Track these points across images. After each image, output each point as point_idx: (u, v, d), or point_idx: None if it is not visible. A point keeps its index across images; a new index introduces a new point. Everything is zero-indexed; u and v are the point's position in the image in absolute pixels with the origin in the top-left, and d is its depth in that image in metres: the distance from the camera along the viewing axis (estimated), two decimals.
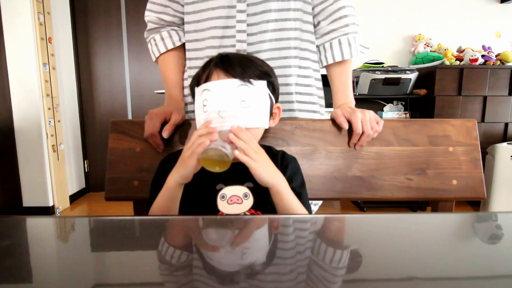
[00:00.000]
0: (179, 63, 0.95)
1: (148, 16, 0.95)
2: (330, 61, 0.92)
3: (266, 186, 0.65)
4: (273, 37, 0.87)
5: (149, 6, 0.96)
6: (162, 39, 0.94)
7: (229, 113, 0.66)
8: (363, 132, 0.82)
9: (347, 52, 0.90)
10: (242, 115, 0.67)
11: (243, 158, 0.63)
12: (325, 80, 1.00)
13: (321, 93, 1.00)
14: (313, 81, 0.95)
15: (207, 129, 0.64)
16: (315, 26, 0.92)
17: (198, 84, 0.72)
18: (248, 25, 0.85)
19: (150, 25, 0.96)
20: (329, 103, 0.98)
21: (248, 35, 0.85)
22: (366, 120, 0.81)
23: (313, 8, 0.89)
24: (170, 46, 0.94)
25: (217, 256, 0.42)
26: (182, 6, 0.93)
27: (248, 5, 0.84)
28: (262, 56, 0.85)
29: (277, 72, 0.85)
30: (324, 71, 0.97)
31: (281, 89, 0.89)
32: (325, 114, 1.01)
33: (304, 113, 0.95)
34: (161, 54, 0.95)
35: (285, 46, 0.88)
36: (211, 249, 0.45)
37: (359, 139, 0.84)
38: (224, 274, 0.38)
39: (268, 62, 0.80)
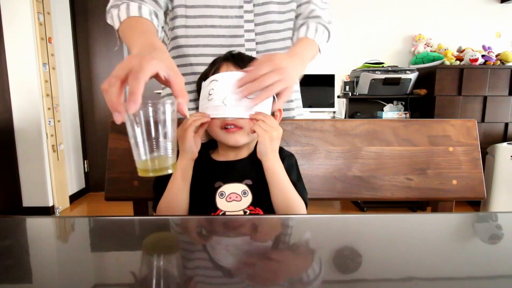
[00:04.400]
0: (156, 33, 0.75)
1: None
2: (294, 40, 0.88)
3: (261, 159, 0.68)
4: (276, 47, 0.89)
5: None
6: (140, 8, 0.74)
7: (234, 102, 0.67)
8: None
9: (311, 33, 0.85)
10: (246, 105, 0.67)
11: (254, 127, 0.66)
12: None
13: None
14: None
15: (201, 115, 0.67)
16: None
17: (206, 78, 0.72)
18: (256, 34, 0.87)
19: None
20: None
21: (256, 43, 0.88)
22: (272, 77, 0.63)
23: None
24: (146, 17, 0.73)
25: (217, 256, 0.42)
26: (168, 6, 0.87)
27: (254, 15, 0.86)
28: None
29: None
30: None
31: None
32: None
33: (300, 117, 0.98)
34: (130, 17, 0.73)
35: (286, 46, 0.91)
36: (211, 249, 0.45)
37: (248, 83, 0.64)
38: (223, 273, 0.38)
39: None
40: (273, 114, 0.76)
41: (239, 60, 0.71)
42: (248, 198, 0.69)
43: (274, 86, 0.64)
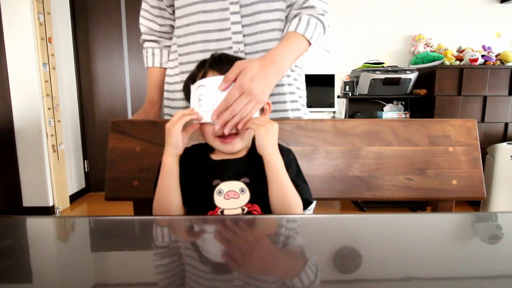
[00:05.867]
0: (162, 79, 1.03)
1: (141, 25, 1.02)
2: (285, 33, 0.85)
3: (261, 153, 0.67)
4: (265, 38, 0.88)
5: (141, 13, 1.00)
6: (153, 55, 1.02)
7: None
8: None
9: (301, 28, 0.83)
10: None
11: (248, 125, 0.67)
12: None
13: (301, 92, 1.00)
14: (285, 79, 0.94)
15: (191, 111, 0.69)
16: (286, 18, 0.91)
17: (193, 82, 0.74)
18: (242, 26, 0.86)
19: (143, 36, 1.03)
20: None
21: (244, 36, 0.87)
22: (242, 101, 0.67)
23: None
24: (157, 65, 1.03)
25: (217, 256, 0.42)
26: (173, 13, 0.95)
27: (240, 6, 0.85)
28: (258, 55, 0.86)
29: None
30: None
31: (274, 90, 0.90)
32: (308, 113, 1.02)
33: (295, 112, 0.96)
34: (149, 67, 1.05)
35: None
36: (210, 249, 0.45)
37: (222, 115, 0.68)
38: (221, 273, 0.38)
39: None
40: (262, 108, 0.76)
41: (222, 66, 0.71)
42: (246, 196, 0.69)
43: (244, 108, 0.67)
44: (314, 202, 0.98)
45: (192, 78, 0.75)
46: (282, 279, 0.36)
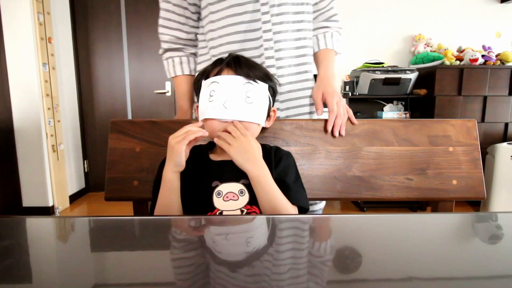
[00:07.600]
0: (190, 87, 1.02)
1: (163, 34, 0.98)
2: (323, 47, 1.01)
3: (244, 171, 0.67)
4: (293, 37, 0.93)
5: (162, 22, 0.97)
6: (181, 63, 1.01)
7: (234, 106, 0.70)
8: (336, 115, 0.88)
9: (336, 44, 1.02)
10: (245, 109, 0.70)
11: (218, 142, 0.68)
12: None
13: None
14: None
15: (199, 128, 0.68)
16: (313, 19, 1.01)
17: (207, 77, 0.74)
18: (272, 24, 0.90)
19: (166, 45, 1.00)
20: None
21: (273, 33, 0.90)
22: (340, 104, 0.89)
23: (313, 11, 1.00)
24: (187, 73, 1.01)
25: (216, 256, 0.42)
26: (197, 21, 0.97)
27: (270, 7, 0.89)
28: (283, 53, 0.92)
29: (298, 69, 0.95)
30: (315, 71, 1.03)
31: (301, 85, 0.96)
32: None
33: (311, 107, 1.01)
34: (177, 76, 1.03)
35: (303, 44, 0.96)
36: (209, 248, 0.45)
37: (334, 122, 0.88)
38: (221, 273, 0.38)
39: (290, 60, 0.94)
40: (268, 114, 0.78)
41: (238, 66, 0.73)
42: (245, 197, 0.69)
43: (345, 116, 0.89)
44: (324, 203, 1.00)
45: (206, 74, 0.75)
46: (282, 281, 0.36)
